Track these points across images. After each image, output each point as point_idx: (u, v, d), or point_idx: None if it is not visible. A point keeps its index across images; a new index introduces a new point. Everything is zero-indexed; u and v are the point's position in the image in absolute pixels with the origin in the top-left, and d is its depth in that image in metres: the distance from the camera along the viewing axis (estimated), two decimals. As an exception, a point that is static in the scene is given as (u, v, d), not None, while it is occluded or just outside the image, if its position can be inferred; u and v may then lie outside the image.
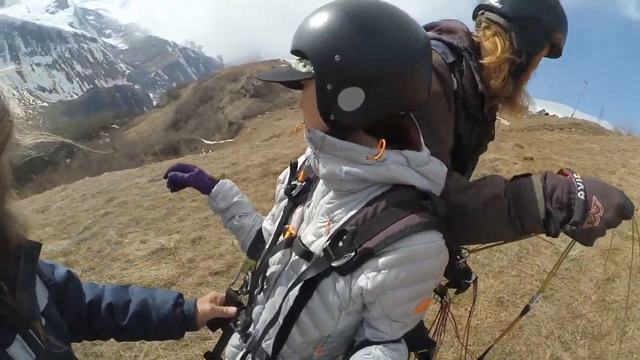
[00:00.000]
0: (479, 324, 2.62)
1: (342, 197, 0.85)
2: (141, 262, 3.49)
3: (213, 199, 1.22)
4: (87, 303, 0.99)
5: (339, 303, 0.81)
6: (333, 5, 0.79)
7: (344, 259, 0.77)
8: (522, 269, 3.24)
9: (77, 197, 6.01)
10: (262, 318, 0.94)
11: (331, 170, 0.82)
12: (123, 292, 1.04)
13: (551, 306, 2.77)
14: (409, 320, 0.85)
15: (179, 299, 1.07)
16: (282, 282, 0.90)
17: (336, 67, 0.75)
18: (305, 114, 0.86)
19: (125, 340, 1.09)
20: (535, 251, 3.53)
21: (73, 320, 0.93)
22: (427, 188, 0.83)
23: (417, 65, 0.80)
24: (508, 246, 3.58)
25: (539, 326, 2.60)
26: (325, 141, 0.81)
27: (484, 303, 2.81)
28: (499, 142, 7.83)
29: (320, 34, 0.77)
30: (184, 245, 3.76)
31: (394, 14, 0.79)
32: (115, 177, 7.62)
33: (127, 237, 4.05)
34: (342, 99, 0.77)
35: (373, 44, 0.75)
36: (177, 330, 1.05)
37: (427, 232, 0.77)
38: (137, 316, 1.01)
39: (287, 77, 0.83)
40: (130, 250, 3.72)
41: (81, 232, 4.28)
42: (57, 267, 0.96)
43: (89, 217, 4.76)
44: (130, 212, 4.81)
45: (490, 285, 3.01)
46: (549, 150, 7.44)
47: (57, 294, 0.89)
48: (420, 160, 0.83)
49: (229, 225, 1.22)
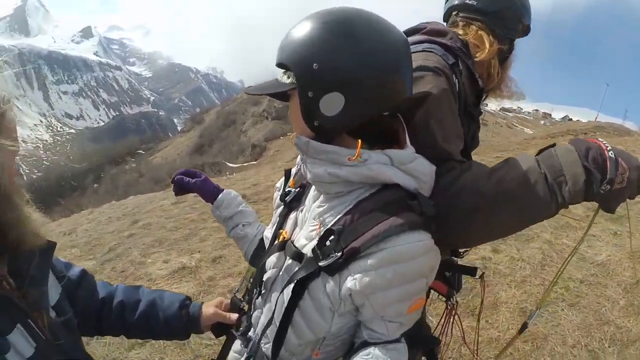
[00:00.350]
0: (501, 335, 2.53)
1: (331, 200, 0.87)
2: (163, 280, 3.58)
3: (217, 207, 1.24)
4: (100, 300, 1.05)
5: (329, 304, 0.83)
6: (311, 17, 0.83)
7: (331, 258, 0.79)
8: (546, 277, 3.13)
9: (103, 220, 6.22)
10: (261, 321, 0.96)
11: (316, 173, 0.85)
12: (134, 291, 1.10)
13: (577, 314, 2.66)
14: (404, 320, 0.85)
15: (185, 301, 1.12)
16: (278, 285, 0.92)
17: (315, 75, 0.79)
18: (293, 122, 0.90)
19: (134, 337, 1.13)
20: (559, 258, 3.41)
21: (84, 315, 0.98)
22: (413, 186, 0.84)
23: (394, 68, 0.82)
24: (531, 254, 3.49)
25: (565, 335, 2.49)
26: (310, 146, 0.85)
27: (505, 314, 2.72)
28: (521, 150, 7.70)
29: (299, 45, 0.81)
30: (205, 264, 3.83)
31: (369, 19, 0.82)
32: (140, 200, 7.88)
33: (150, 257, 4.16)
34: (324, 105, 0.81)
35: (349, 50, 0.78)
36: (181, 330, 1.09)
37: (412, 232, 0.78)
38: (145, 315, 1.06)
39: (273, 90, 0.87)
40: (152, 270, 3.82)
41: (106, 252, 4.43)
42: (72, 266, 1.03)
43: (114, 238, 4.92)
44: (153, 234, 4.95)
45: (512, 296, 2.91)
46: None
47: (70, 291, 0.96)
48: (404, 158, 0.84)
49: (232, 234, 1.24)
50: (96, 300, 1.05)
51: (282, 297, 0.87)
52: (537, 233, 3.88)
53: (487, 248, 3.63)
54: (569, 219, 4.09)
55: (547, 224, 4.05)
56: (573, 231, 3.91)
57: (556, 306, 2.78)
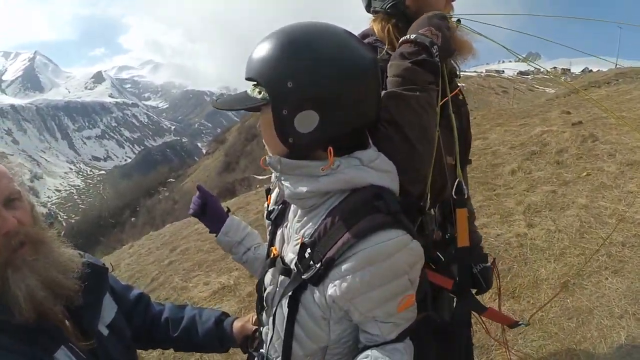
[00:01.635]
0: (544, 315, 2.43)
1: (308, 213, 0.90)
2: (205, 302, 3.70)
3: (225, 233, 1.23)
4: (151, 317, 1.19)
5: (321, 313, 0.85)
6: (280, 33, 0.85)
7: (312, 270, 0.82)
8: (587, 246, 3.00)
9: (143, 252, 6.47)
10: (268, 337, 0.99)
11: (294, 190, 0.87)
12: (179, 310, 1.24)
13: (622, 281, 2.52)
14: (397, 319, 0.85)
15: (221, 316, 1.22)
16: (276, 300, 0.94)
17: (290, 93, 0.80)
18: (264, 137, 0.91)
19: (180, 350, 1.27)
20: (598, 222, 3.26)
21: (139, 330, 1.14)
22: (385, 182, 0.86)
23: (366, 85, 0.85)
24: (568, 224, 3.37)
25: (611, 306, 2.38)
26: (282, 164, 0.87)
27: (547, 291, 2.63)
28: (545, 113, 7.40)
29: (272, 61, 0.82)
30: (244, 280, 3.92)
31: (341, 36, 0.85)
32: (176, 227, 8.11)
33: (191, 282, 4.30)
34: (298, 123, 0.82)
35: (323, 68, 0.81)
36: (216, 344, 1.20)
37: (381, 232, 0.79)
38: (186, 330, 1.19)
39: (244, 105, 0.88)
40: (194, 294, 3.95)
41: (149, 283, 4.61)
42: (133, 288, 1.21)
43: (155, 268, 5.12)
44: (192, 258, 5.11)
45: (552, 270, 2.81)
46: (598, 109, 6.92)
47: (128, 309, 1.13)
48: (371, 156, 0.87)
49: (245, 257, 1.24)
50: (149, 317, 1.19)
51: (281, 312, 0.90)
52: (572, 199, 3.73)
53: (522, 224, 3.53)
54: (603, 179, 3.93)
55: (581, 188, 3.89)
56: (609, 190, 3.73)
57: (599, 275, 2.66)
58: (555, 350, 2.19)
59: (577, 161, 4.54)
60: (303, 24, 0.87)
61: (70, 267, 0.87)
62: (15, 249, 0.81)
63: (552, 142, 5.27)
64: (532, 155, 5.04)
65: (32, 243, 0.83)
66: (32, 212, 0.88)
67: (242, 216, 6.43)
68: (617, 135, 4.82)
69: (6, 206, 0.81)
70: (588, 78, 16.53)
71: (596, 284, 2.61)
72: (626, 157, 4.26)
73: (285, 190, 0.90)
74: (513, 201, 3.99)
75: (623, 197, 3.56)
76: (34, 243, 0.83)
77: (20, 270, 0.80)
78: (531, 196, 3.99)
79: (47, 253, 0.84)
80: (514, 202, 3.97)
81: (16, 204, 0.84)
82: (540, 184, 4.22)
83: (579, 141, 4.98)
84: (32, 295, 0.79)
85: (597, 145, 4.78)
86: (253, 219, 6.24)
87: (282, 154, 0.88)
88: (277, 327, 0.92)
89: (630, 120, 4.73)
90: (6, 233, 0.79)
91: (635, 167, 4.00)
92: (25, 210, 0.85)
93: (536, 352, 2.17)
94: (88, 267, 0.92)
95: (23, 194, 0.87)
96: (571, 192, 3.89)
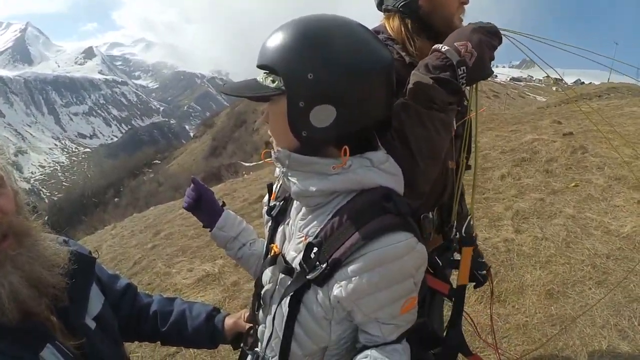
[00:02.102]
0: (528, 320, 2.48)
1: (313, 211, 0.87)
2: (189, 289, 3.66)
3: (220, 228, 1.19)
4: (138, 309, 1.14)
5: (323, 313, 0.84)
6: (300, 23, 0.81)
7: (317, 270, 0.80)
8: (572, 255, 3.05)
9: (126, 234, 6.37)
10: (265, 335, 0.97)
11: (303, 187, 0.84)
12: (168, 303, 1.19)
13: (605, 292, 2.57)
14: (399, 321, 0.85)
15: (212, 312, 1.18)
16: (275, 299, 0.92)
17: (309, 86, 0.77)
18: (273, 129, 0.88)
19: (167, 344, 1.23)
20: (584, 233, 3.32)
21: (126, 322, 1.10)
22: (393, 185, 0.85)
23: (383, 80, 0.84)
24: (554, 232, 3.42)
25: (593, 316, 2.42)
26: (292, 159, 0.84)
27: (532, 297, 2.67)
28: (536, 122, 7.50)
29: (292, 51, 0.78)
30: (228, 269, 3.88)
31: (359, 30, 0.83)
32: (160, 210, 8.02)
33: (174, 267, 4.24)
34: (314, 116, 0.79)
35: (344, 61, 0.78)
36: (207, 340, 1.16)
37: (391, 234, 0.78)
38: (175, 325, 1.14)
39: (256, 92, 0.84)
40: (178, 280, 3.90)
41: (131, 267, 4.54)
42: (120, 278, 1.15)
43: (138, 252, 5.04)
44: (176, 243, 5.04)
45: (537, 277, 2.85)
46: (589, 122, 7.04)
47: (115, 300, 1.07)
48: (381, 159, 0.86)
49: (240, 253, 1.21)
50: (137, 309, 1.15)
51: (280, 311, 0.89)
52: (560, 208, 3.79)
53: (510, 229, 3.58)
54: (590, 191, 4.00)
55: (568, 198, 3.96)
56: (596, 203, 3.80)
57: (583, 285, 2.72)
58: (538, 356, 2.22)
59: (567, 171, 4.60)
60: (323, 16, 0.84)
61: (56, 262, 0.81)
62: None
63: (542, 150, 5.34)
64: (522, 162, 5.10)
65: (15, 235, 0.76)
66: (16, 199, 0.81)
67: (228, 203, 6.36)
68: (606, 149, 4.90)
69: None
70: (580, 89, 16.81)
71: (580, 293, 2.66)
72: (614, 171, 4.33)
73: (292, 187, 0.87)
74: (502, 206, 4.04)
75: (610, 211, 3.62)
76: (17, 235, 0.76)
77: (2, 266, 0.73)
78: (520, 202, 4.04)
79: (31, 246, 0.78)
80: (503, 207, 4.01)
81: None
82: (529, 191, 4.28)
83: (569, 152, 5.06)
84: (16, 294, 0.73)
85: (586, 157, 4.86)
86: (239, 207, 6.18)
87: (292, 147, 0.85)
88: (276, 327, 0.90)
89: (619, 135, 4.81)
90: None
91: (623, 182, 4.07)
92: (8, 197, 0.78)
93: (520, 357, 2.20)
94: (74, 258, 0.85)
95: (6, 179, 0.79)
96: (559, 201, 3.95)
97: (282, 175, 0.90)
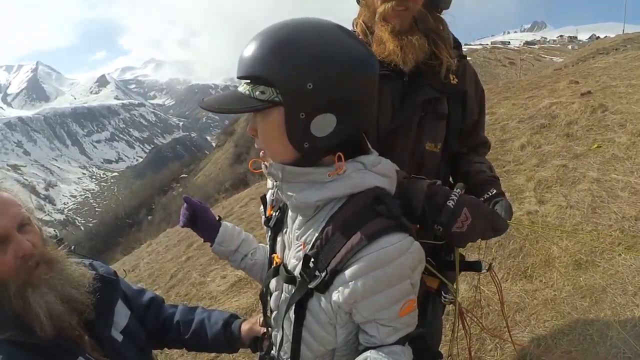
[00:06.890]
0: (557, 294, 2.40)
1: (307, 220, 0.89)
2: (223, 296, 3.79)
3: (220, 243, 1.19)
4: (162, 320, 1.27)
5: (328, 319, 0.86)
6: (285, 29, 0.78)
7: (317, 279, 0.82)
8: (599, 221, 2.95)
9: (161, 250, 6.61)
10: (278, 339, 0.99)
11: (302, 199, 0.84)
12: (189, 312, 1.31)
13: (636, 257, 2.45)
14: (398, 324, 0.85)
15: (230, 319, 1.28)
16: (283, 306, 0.95)
17: (309, 96, 0.75)
18: (267, 142, 0.85)
19: (192, 350, 1.33)
20: (610, 197, 3.18)
21: (152, 332, 1.22)
22: (388, 186, 0.88)
23: (375, 83, 0.84)
24: (579, 199, 3.32)
25: (624, 284, 2.32)
26: (286, 171, 0.83)
27: (560, 269, 2.59)
28: (553, 84, 7.21)
29: (287, 60, 0.75)
30: (259, 273, 4.00)
31: (348, 32, 0.82)
32: (190, 223, 8.22)
33: (209, 276, 4.38)
34: (315, 126, 0.78)
35: (342, 68, 0.77)
36: (224, 345, 1.26)
37: (385, 237, 0.78)
38: (196, 333, 1.26)
39: (244, 106, 0.79)
40: (213, 288, 4.04)
41: (169, 280, 4.73)
42: (145, 292, 1.28)
43: (174, 265, 5.23)
44: (208, 252, 5.14)
45: (564, 248, 2.76)
46: (607, 77, 6.70)
47: (140, 313, 1.21)
48: (374, 161, 0.88)
49: (243, 264, 1.22)
50: (161, 320, 1.27)
51: (288, 317, 0.91)
52: (583, 173, 3.65)
53: (532, 200, 3.49)
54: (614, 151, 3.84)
55: (592, 161, 3.81)
56: (620, 162, 3.64)
57: (612, 252, 2.60)
58: (568, 330, 2.17)
59: (587, 133, 4.44)
60: (306, 21, 0.80)
61: (83, 283, 0.95)
62: (31, 269, 0.88)
63: (561, 114, 5.16)
64: (542, 129, 4.94)
65: (45, 262, 0.91)
66: (41, 234, 0.96)
67: (255, 206, 6.46)
68: (627, 104, 4.69)
69: (19, 231, 0.89)
70: (595, 45, 15.91)
71: (609, 260, 2.56)
72: (637, 127, 4.14)
73: (290, 200, 0.86)
74: (523, 177, 3.94)
75: (635, 169, 3.47)
76: (47, 262, 0.91)
77: (39, 288, 0.87)
78: (541, 171, 3.93)
79: (60, 271, 0.92)
80: (524, 178, 3.91)
81: (27, 228, 0.92)
82: (551, 158, 4.16)
83: (588, 112, 4.87)
84: (52, 311, 0.87)
85: (607, 115, 4.66)
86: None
87: (290, 160, 0.83)
88: (286, 331, 0.93)
89: (639, 89, 4.57)
90: (23, 256, 0.87)
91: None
92: (35, 234, 0.93)
93: (549, 333, 2.15)
94: (100, 278, 1.00)
95: (32, 218, 0.95)
96: (582, 165, 3.82)
97: (276, 189, 0.92)
